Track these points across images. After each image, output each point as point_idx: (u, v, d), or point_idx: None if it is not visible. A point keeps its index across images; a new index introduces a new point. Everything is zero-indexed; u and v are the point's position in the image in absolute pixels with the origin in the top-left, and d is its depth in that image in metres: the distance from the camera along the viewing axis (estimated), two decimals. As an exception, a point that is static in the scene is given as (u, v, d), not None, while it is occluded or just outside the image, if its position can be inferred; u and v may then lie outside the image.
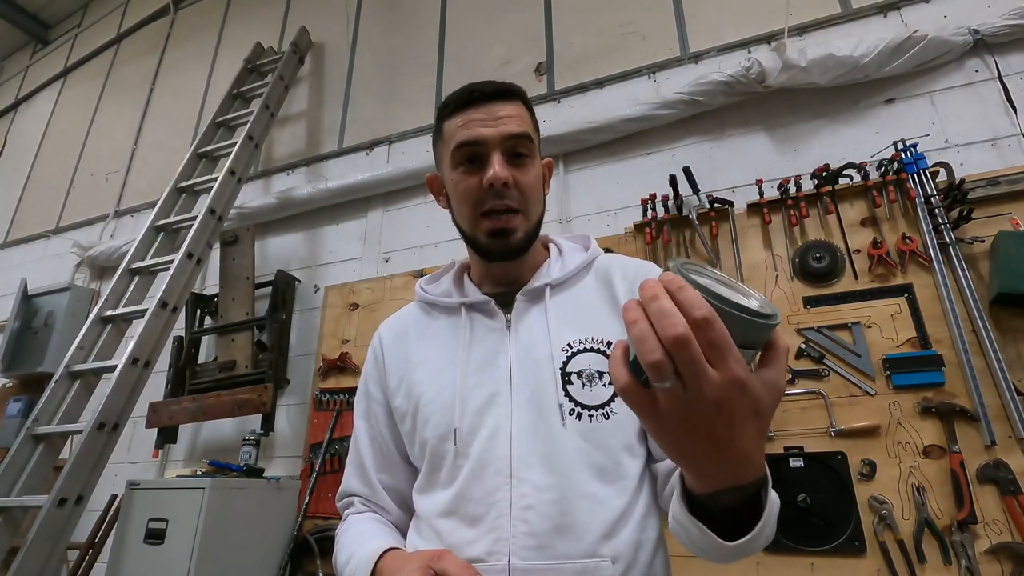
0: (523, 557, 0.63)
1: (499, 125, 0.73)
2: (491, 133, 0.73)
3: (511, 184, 0.72)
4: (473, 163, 0.74)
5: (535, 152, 0.77)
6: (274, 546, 2.17)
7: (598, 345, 0.73)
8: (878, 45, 1.93)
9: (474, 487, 0.68)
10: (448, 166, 0.77)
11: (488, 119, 0.73)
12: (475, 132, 0.73)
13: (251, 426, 2.48)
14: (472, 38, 2.98)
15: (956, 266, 1.68)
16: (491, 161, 0.72)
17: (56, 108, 4.70)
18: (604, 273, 0.81)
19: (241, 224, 2.94)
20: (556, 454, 0.67)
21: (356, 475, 0.84)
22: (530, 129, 0.76)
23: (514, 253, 0.77)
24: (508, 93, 0.76)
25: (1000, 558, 1.44)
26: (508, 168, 0.73)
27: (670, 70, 2.42)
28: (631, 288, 0.78)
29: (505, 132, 0.73)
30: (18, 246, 4.16)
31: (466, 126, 0.74)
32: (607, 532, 0.65)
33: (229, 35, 4.00)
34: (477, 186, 0.73)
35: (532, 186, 0.75)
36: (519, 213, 0.74)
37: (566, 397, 0.70)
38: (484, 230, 0.74)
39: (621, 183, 2.28)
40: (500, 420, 0.70)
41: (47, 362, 3.06)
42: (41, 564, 1.76)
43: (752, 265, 1.96)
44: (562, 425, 0.68)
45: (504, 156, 0.73)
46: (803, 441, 1.71)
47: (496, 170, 0.71)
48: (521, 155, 0.74)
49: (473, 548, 0.65)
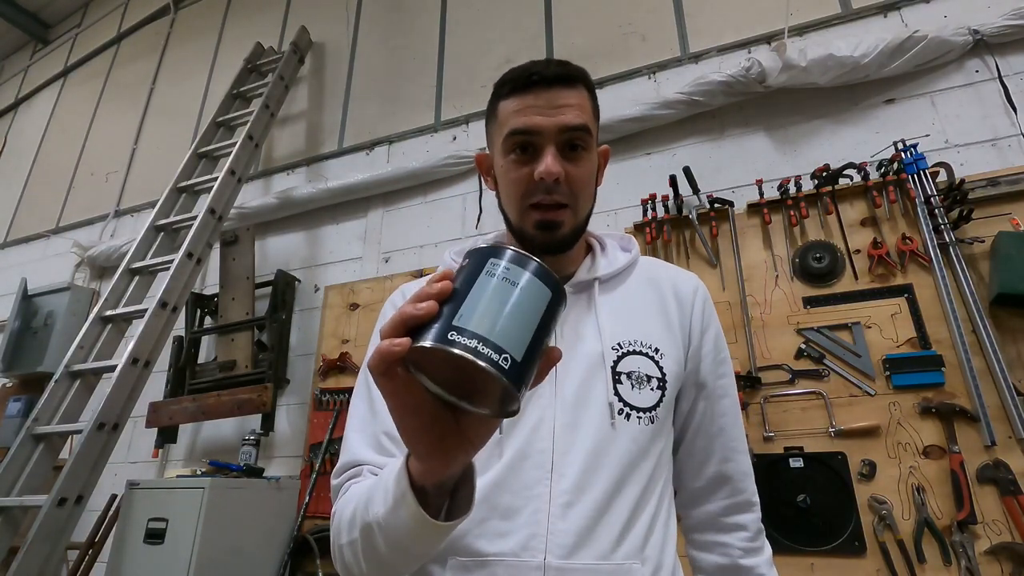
0: (559, 556, 0.60)
1: (557, 115, 0.68)
2: (548, 123, 0.68)
3: (563, 180, 0.68)
4: (526, 151, 0.70)
5: (592, 144, 0.72)
6: (274, 546, 2.17)
7: (647, 349, 0.71)
8: (878, 45, 1.93)
9: (511, 478, 0.64)
10: (499, 150, 0.72)
11: (546, 107, 0.68)
12: (531, 120, 0.68)
13: (251, 426, 2.48)
14: (472, 38, 2.98)
15: (956, 266, 1.68)
16: (544, 154, 0.68)
17: (56, 108, 4.69)
18: (652, 278, 0.79)
19: (241, 224, 2.94)
20: (602, 453, 0.65)
21: (367, 443, 0.69)
22: (590, 119, 0.71)
23: (559, 248, 0.73)
24: (570, 78, 0.71)
25: (1000, 558, 1.44)
26: (561, 162, 0.68)
27: (670, 70, 2.42)
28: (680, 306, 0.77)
29: (563, 123, 0.68)
30: (18, 246, 4.15)
31: (522, 112, 0.69)
32: (644, 535, 0.65)
33: (229, 35, 4.00)
34: (527, 177, 0.69)
35: (584, 181, 0.71)
36: (567, 208, 0.70)
37: (616, 397, 0.68)
38: (531, 222, 0.71)
39: (621, 183, 2.28)
40: (543, 412, 0.67)
41: (47, 362, 3.06)
42: (41, 564, 1.75)
43: (752, 265, 1.96)
44: (611, 425, 0.67)
45: (558, 149, 0.69)
46: (803, 441, 1.70)
47: (548, 165, 0.67)
48: (576, 147, 0.70)
49: (506, 542, 0.62)
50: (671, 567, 0.67)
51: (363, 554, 0.56)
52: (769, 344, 1.85)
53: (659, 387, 0.70)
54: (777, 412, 1.77)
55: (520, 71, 0.71)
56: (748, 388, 1.78)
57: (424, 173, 2.68)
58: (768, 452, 1.71)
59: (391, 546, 0.52)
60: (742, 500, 0.77)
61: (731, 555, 0.74)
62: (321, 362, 2.54)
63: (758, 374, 1.81)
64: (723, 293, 1.95)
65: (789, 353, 1.81)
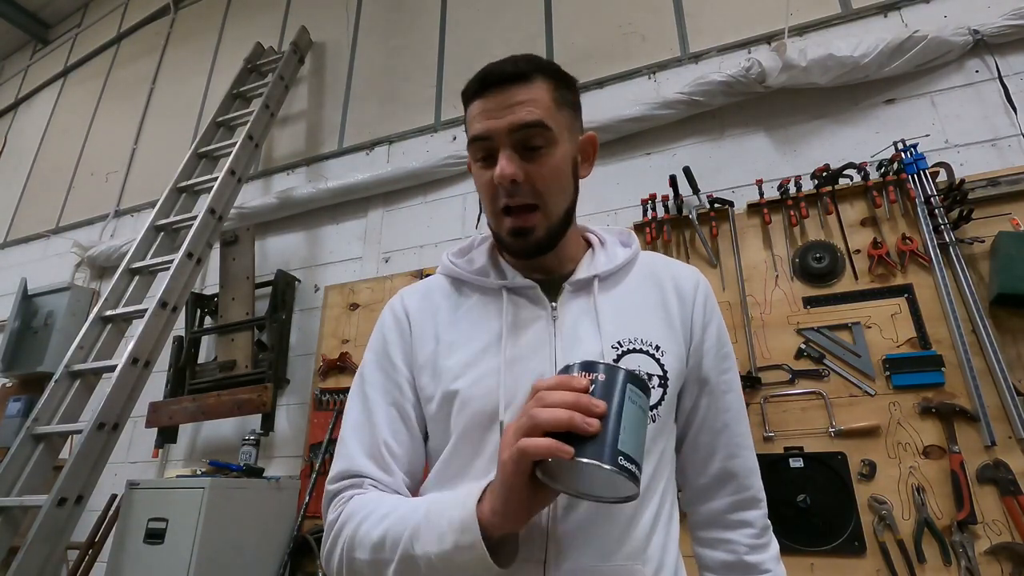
0: (560, 557, 0.61)
1: (507, 115, 0.67)
2: (497, 126, 0.67)
3: (521, 180, 0.67)
4: (487, 157, 0.69)
5: (554, 139, 0.69)
6: (274, 546, 2.17)
7: (647, 348, 0.70)
8: (878, 45, 1.93)
9: None
10: (470, 158, 0.73)
11: (498, 108, 0.67)
12: (483, 125, 0.68)
13: (251, 426, 2.48)
14: (472, 38, 2.98)
15: (956, 266, 1.68)
16: (500, 157, 0.67)
17: (56, 108, 4.69)
18: (653, 273, 0.78)
19: (241, 224, 2.94)
20: None
21: (368, 455, 0.69)
22: (546, 113, 0.68)
23: (536, 252, 0.72)
24: (522, 75, 0.68)
25: (1000, 558, 1.44)
26: (518, 163, 0.67)
27: (670, 70, 2.42)
28: (681, 301, 0.76)
29: (514, 122, 0.66)
30: (18, 246, 4.16)
31: (478, 117, 0.69)
32: (646, 536, 0.64)
33: (229, 35, 4.00)
34: (491, 182, 0.69)
35: (549, 177, 0.69)
36: (537, 210, 0.69)
37: None
38: (505, 228, 0.70)
39: (621, 183, 2.28)
40: None
41: (47, 362, 3.06)
42: (41, 564, 1.76)
43: (752, 265, 1.96)
44: None
45: (514, 149, 0.67)
46: (803, 441, 1.70)
47: (500, 168, 0.66)
48: (535, 147, 0.68)
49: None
50: (673, 567, 0.67)
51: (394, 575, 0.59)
52: (769, 344, 1.85)
53: (660, 385, 0.69)
54: (777, 412, 1.77)
55: (478, 74, 0.70)
56: (748, 388, 1.78)
57: (424, 173, 2.68)
58: (768, 452, 1.71)
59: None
60: (748, 496, 0.76)
61: (737, 552, 0.74)
62: (321, 362, 2.54)
63: (758, 374, 1.81)
64: (723, 293, 1.95)
65: (789, 353, 1.81)
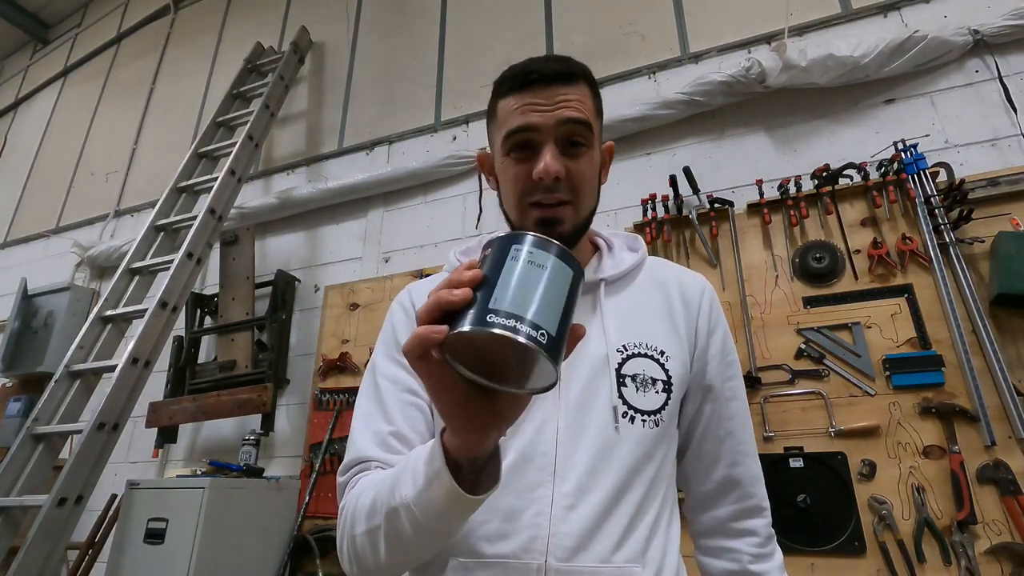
0: (560, 558, 0.61)
1: (556, 110, 0.67)
2: (546, 120, 0.67)
3: (563, 177, 0.67)
4: (525, 150, 0.68)
5: (594, 140, 0.70)
6: (274, 546, 2.17)
7: (652, 352, 0.71)
8: (878, 45, 1.93)
9: (514, 480, 0.64)
10: (499, 149, 0.71)
11: (545, 104, 0.67)
12: (528, 119, 0.67)
13: (251, 426, 2.48)
14: (472, 38, 2.98)
15: (956, 266, 1.68)
16: (543, 152, 0.66)
17: (56, 108, 4.69)
18: (659, 279, 0.78)
19: (241, 224, 2.94)
20: (605, 456, 0.65)
21: (374, 442, 0.69)
22: (591, 115, 0.69)
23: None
24: (570, 75, 0.69)
25: (1000, 558, 1.44)
26: (561, 159, 0.67)
27: (670, 70, 2.42)
28: (687, 307, 0.76)
29: (562, 117, 0.67)
30: (18, 246, 4.15)
31: (520, 110, 0.68)
32: (646, 538, 0.64)
33: (229, 35, 3.99)
34: (527, 175, 0.67)
35: (586, 177, 0.69)
36: (569, 204, 0.69)
37: (620, 400, 0.67)
38: (532, 219, 0.69)
39: (621, 183, 2.28)
40: (547, 414, 0.67)
41: (47, 362, 3.06)
42: (41, 564, 1.75)
43: (752, 265, 1.96)
44: (615, 428, 0.66)
45: (558, 145, 0.67)
46: (803, 441, 1.70)
47: (547, 163, 0.65)
48: (577, 144, 0.68)
49: (507, 544, 0.62)
50: (674, 570, 0.67)
51: (385, 539, 0.56)
52: (769, 344, 1.85)
53: (664, 390, 0.70)
54: (777, 412, 1.77)
55: (519, 68, 0.70)
56: (748, 388, 1.75)
57: (424, 173, 2.68)
58: (768, 452, 1.71)
59: (419, 526, 0.52)
60: (752, 505, 0.76)
61: (740, 560, 0.74)
62: (321, 362, 2.54)
63: (758, 374, 1.81)
64: (723, 293, 1.95)
65: (789, 353, 1.81)
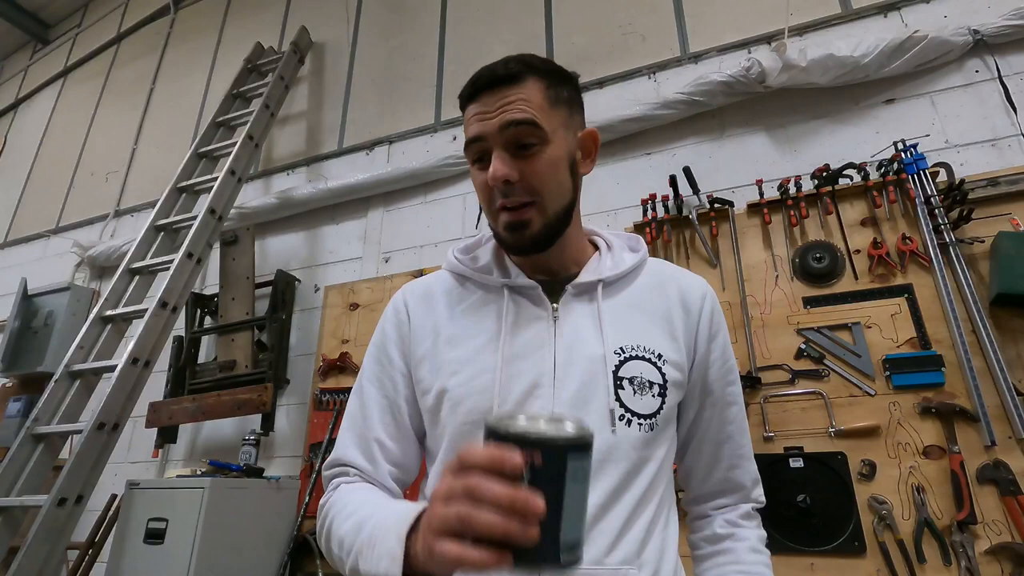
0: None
1: (497, 115, 0.67)
2: (490, 128, 0.68)
3: (515, 180, 0.67)
4: (482, 159, 0.70)
5: (547, 137, 0.69)
6: (274, 546, 2.17)
7: (649, 355, 0.71)
8: (878, 45, 1.93)
9: None
10: (468, 160, 0.74)
11: (488, 111, 0.68)
12: (475, 128, 0.69)
13: (251, 426, 2.48)
14: (472, 38, 2.98)
15: (956, 266, 1.68)
16: (492, 159, 0.68)
17: (56, 108, 4.69)
18: (659, 282, 0.78)
19: (241, 224, 2.94)
20: (601, 460, 0.64)
21: (357, 445, 0.75)
22: (538, 110, 0.68)
23: (532, 247, 0.72)
24: (511, 76, 0.69)
25: (1000, 558, 1.44)
26: (510, 162, 0.67)
27: (670, 70, 2.42)
28: (687, 312, 0.76)
29: (503, 121, 0.67)
30: (18, 246, 4.15)
31: (471, 120, 0.70)
32: (640, 540, 0.65)
33: (229, 35, 3.99)
34: (486, 183, 0.69)
35: (544, 175, 0.69)
36: (532, 205, 0.69)
37: (617, 402, 0.67)
38: (501, 224, 0.71)
39: (621, 183, 2.28)
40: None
41: (47, 362, 3.06)
42: (41, 564, 1.75)
43: (752, 265, 1.96)
44: (612, 431, 0.66)
45: (508, 150, 0.68)
46: (803, 441, 1.70)
47: (493, 169, 0.66)
48: (527, 145, 0.68)
49: None
50: (671, 571, 0.67)
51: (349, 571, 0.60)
52: (769, 344, 1.85)
53: (660, 394, 0.69)
54: (777, 412, 1.77)
55: (471, 78, 0.71)
56: (748, 388, 1.78)
57: (424, 173, 2.68)
58: (768, 452, 1.71)
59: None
60: (748, 508, 0.79)
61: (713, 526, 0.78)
62: (321, 362, 2.54)
63: (758, 374, 1.81)
64: (723, 293, 1.95)
65: (789, 353, 1.81)
